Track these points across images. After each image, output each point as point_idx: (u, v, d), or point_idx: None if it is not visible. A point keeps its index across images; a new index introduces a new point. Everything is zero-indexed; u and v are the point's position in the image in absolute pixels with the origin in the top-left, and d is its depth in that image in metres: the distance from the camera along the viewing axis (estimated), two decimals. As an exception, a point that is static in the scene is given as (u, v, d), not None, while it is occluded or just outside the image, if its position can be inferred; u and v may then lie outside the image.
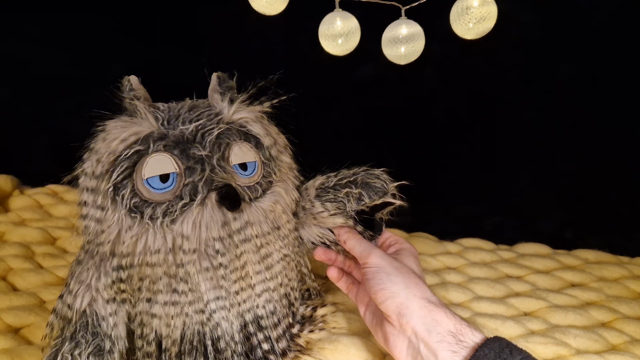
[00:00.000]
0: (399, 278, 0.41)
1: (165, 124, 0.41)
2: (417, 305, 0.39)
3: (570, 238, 0.77)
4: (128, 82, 0.42)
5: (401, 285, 0.41)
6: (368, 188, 0.47)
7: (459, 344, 0.37)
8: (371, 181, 0.48)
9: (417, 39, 0.53)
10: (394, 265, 0.43)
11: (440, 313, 0.38)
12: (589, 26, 0.70)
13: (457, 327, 0.38)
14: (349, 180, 0.48)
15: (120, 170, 0.39)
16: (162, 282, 0.39)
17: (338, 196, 0.47)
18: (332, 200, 0.48)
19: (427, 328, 0.38)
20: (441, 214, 0.81)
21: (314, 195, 0.48)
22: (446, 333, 0.37)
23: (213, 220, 0.39)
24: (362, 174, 0.48)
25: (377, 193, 0.47)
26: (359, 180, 0.48)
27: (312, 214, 0.48)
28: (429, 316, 0.39)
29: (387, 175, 0.49)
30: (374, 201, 0.47)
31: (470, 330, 0.38)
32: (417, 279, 0.42)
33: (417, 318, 0.39)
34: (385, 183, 0.48)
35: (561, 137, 0.76)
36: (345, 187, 0.48)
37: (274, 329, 0.44)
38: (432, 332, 0.38)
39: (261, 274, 0.43)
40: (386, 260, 0.43)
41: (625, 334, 0.53)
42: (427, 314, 0.39)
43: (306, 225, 0.49)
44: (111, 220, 0.39)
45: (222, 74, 0.45)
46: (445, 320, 0.38)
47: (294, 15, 0.54)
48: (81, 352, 0.39)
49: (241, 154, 0.42)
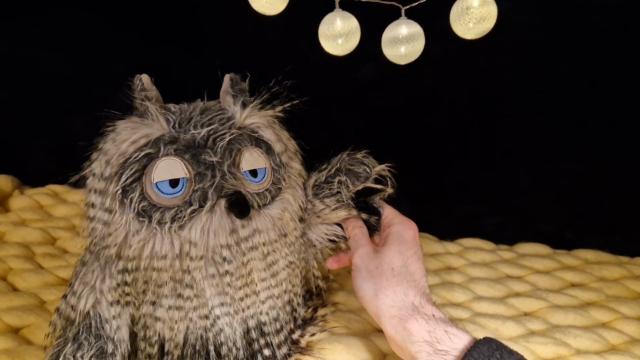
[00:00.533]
0: (370, 284, 0.41)
1: (177, 126, 0.40)
2: (387, 314, 0.39)
3: (570, 238, 0.77)
4: (139, 82, 0.41)
5: (370, 293, 0.41)
6: (350, 174, 0.47)
7: (437, 353, 0.35)
8: (353, 167, 0.47)
9: (417, 39, 0.53)
10: (368, 268, 0.42)
11: (412, 321, 0.37)
12: (588, 26, 0.70)
13: (432, 335, 0.36)
14: (337, 168, 0.48)
15: (130, 173, 0.38)
16: (168, 287, 0.39)
17: (333, 189, 0.47)
18: (329, 195, 0.47)
19: (403, 338, 0.37)
20: (441, 214, 0.81)
21: (311, 195, 0.48)
22: (422, 342, 0.36)
23: (221, 227, 0.39)
24: (345, 159, 0.48)
25: (359, 178, 0.47)
26: (342, 167, 0.47)
27: (315, 213, 0.48)
28: (399, 326, 0.38)
29: (371, 159, 0.48)
30: (357, 187, 0.47)
31: (449, 337, 0.36)
32: (389, 279, 0.41)
33: (390, 327, 0.39)
34: (368, 167, 0.47)
35: (561, 137, 0.76)
36: (336, 176, 0.47)
37: (276, 335, 0.44)
38: (407, 342, 0.37)
39: (266, 281, 0.43)
40: (364, 262, 0.43)
41: (625, 334, 0.53)
42: (398, 324, 0.38)
43: (312, 226, 0.48)
44: (118, 224, 0.38)
45: (235, 75, 0.45)
46: (417, 329, 0.37)
47: (294, 15, 0.54)
48: (83, 354, 0.38)
49: (252, 160, 0.42)
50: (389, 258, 0.43)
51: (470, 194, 0.82)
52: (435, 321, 0.37)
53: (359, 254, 0.44)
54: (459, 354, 0.35)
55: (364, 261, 0.43)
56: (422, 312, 0.38)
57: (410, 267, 0.42)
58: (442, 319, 0.38)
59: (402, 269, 0.42)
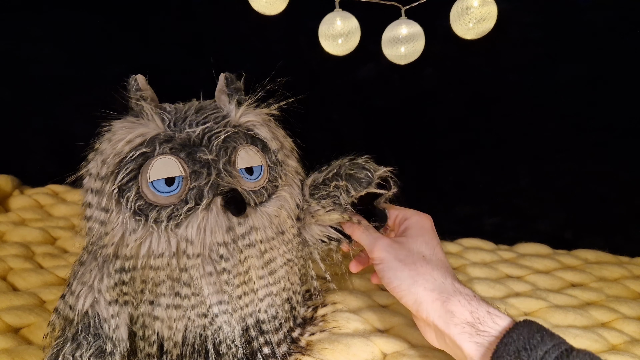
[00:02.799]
0: (405, 272, 0.41)
1: (172, 125, 0.41)
2: (428, 299, 0.39)
3: (570, 238, 0.77)
4: (135, 82, 0.41)
5: (408, 281, 0.40)
6: (352, 180, 0.46)
7: (479, 334, 0.35)
8: (354, 172, 0.47)
9: (417, 39, 0.53)
10: (398, 258, 0.42)
11: (454, 302, 0.37)
12: (588, 26, 0.70)
13: (474, 315, 0.36)
14: (335, 173, 0.47)
15: (126, 172, 0.38)
16: (165, 286, 0.39)
17: (329, 191, 0.47)
18: (325, 197, 0.47)
19: (445, 321, 0.37)
20: (441, 214, 0.81)
21: (308, 194, 0.48)
22: (464, 324, 0.36)
23: (218, 225, 0.39)
24: (346, 164, 0.47)
25: (362, 184, 0.46)
26: (343, 172, 0.47)
27: (310, 213, 0.48)
28: (442, 309, 0.38)
29: (372, 164, 0.47)
30: (360, 192, 0.46)
31: (491, 317, 0.36)
32: (424, 266, 0.40)
33: (432, 312, 0.38)
34: (369, 172, 0.46)
35: (561, 137, 0.76)
36: (333, 180, 0.47)
37: (275, 334, 0.44)
38: (450, 325, 0.37)
39: (264, 278, 0.42)
40: (390, 252, 0.42)
41: (625, 334, 0.53)
42: (440, 307, 0.38)
43: (306, 225, 0.48)
44: (115, 223, 0.38)
45: (230, 74, 0.45)
46: (460, 310, 0.37)
47: (294, 15, 0.54)
48: (82, 354, 0.38)
49: (247, 158, 0.42)
50: (417, 247, 0.43)
51: (470, 194, 0.82)
52: (477, 301, 0.38)
53: (381, 246, 0.43)
54: (498, 334, 0.35)
55: (391, 251, 0.42)
56: (464, 293, 0.39)
57: (438, 255, 0.42)
58: (483, 300, 0.38)
59: (433, 257, 0.42)
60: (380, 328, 0.52)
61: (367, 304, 0.55)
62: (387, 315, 0.53)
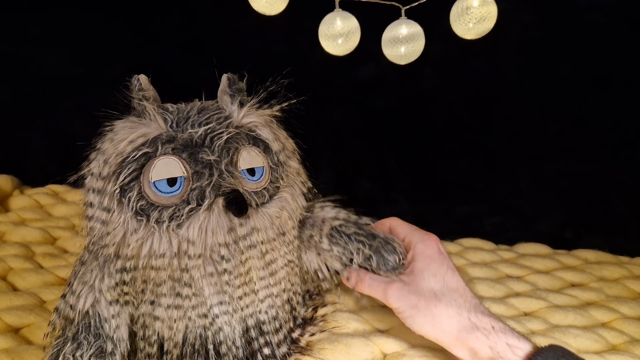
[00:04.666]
0: (421, 319, 0.41)
1: (174, 126, 0.40)
2: (450, 340, 0.40)
3: (570, 238, 0.77)
4: (137, 82, 0.41)
5: (428, 326, 0.41)
6: (380, 256, 0.46)
7: None
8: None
9: (417, 39, 0.53)
10: (411, 304, 0.42)
11: (473, 340, 0.38)
12: (588, 26, 0.70)
13: (494, 350, 0.37)
14: (366, 239, 0.47)
15: (128, 172, 0.38)
16: (166, 286, 0.39)
17: (347, 248, 0.47)
18: (342, 248, 0.47)
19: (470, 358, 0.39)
20: (441, 214, 0.81)
21: (327, 232, 0.48)
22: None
23: (219, 225, 0.39)
24: (380, 239, 0.47)
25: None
26: (375, 245, 0.47)
27: (317, 247, 0.48)
28: (464, 347, 0.39)
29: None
30: (379, 271, 0.46)
31: (511, 349, 0.36)
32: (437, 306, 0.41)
33: (457, 350, 0.40)
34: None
35: (561, 137, 0.76)
36: (360, 243, 0.47)
37: (275, 334, 0.44)
38: None
39: (265, 279, 0.42)
40: (403, 301, 0.42)
41: (625, 334, 0.53)
42: (462, 346, 0.39)
43: (308, 251, 0.49)
44: (117, 223, 0.38)
45: (232, 75, 0.44)
46: (479, 346, 0.38)
47: (294, 15, 0.54)
48: (83, 354, 0.38)
49: (249, 159, 0.42)
50: (425, 284, 0.42)
51: (470, 194, 0.82)
52: (495, 334, 0.38)
53: (393, 296, 0.43)
54: None
55: (403, 300, 0.42)
56: (481, 327, 0.39)
57: (450, 285, 0.42)
58: (502, 329, 0.39)
59: (444, 290, 0.42)
60: (380, 328, 0.52)
61: (367, 304, 0.55)
62: (387, 315, 0.53)
